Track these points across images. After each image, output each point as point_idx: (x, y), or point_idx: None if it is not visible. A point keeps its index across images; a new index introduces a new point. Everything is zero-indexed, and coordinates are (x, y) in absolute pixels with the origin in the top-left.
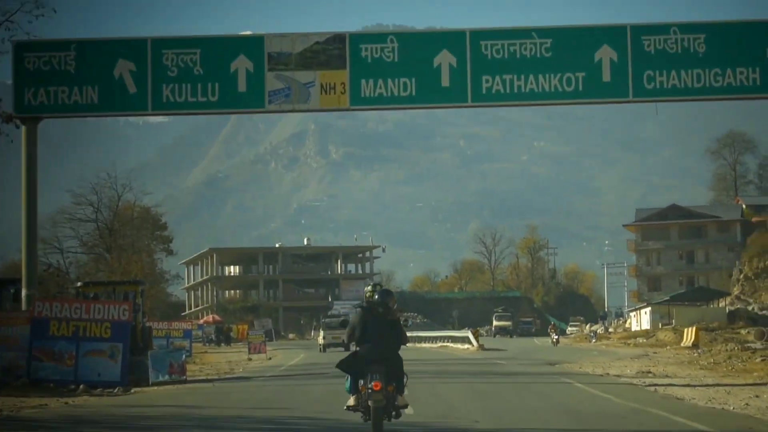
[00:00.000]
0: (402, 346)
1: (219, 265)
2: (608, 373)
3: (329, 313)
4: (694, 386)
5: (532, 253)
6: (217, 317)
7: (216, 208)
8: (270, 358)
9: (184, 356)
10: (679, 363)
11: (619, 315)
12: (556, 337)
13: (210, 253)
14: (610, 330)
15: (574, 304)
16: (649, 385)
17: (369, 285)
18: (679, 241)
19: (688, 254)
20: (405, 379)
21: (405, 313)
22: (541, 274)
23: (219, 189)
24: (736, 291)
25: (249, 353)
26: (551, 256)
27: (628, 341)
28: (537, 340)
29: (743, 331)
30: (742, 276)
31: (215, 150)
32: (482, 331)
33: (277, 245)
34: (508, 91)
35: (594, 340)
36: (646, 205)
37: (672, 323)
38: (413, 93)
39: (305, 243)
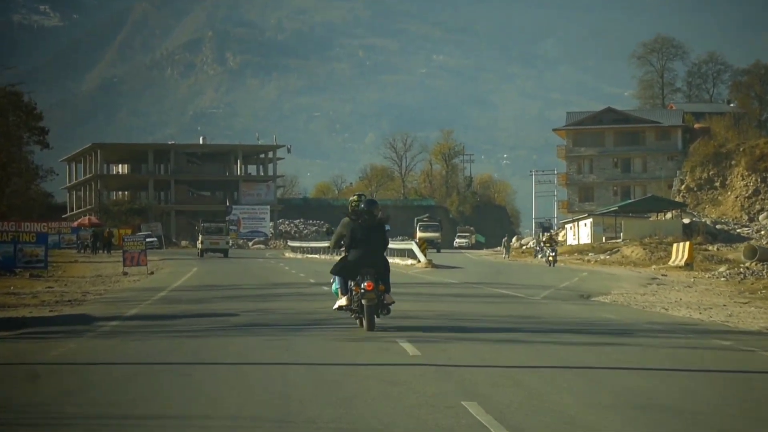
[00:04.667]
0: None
1: (104, 162)
2: (736, 327)
3: (228, 218)
4: None
5: (446, 159)
6: (94, 219)
7: (110, 113)
8: (152, 273)
9: None
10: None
11: (548, 227)
12: (552, 254)
13: (93, 148)
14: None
15: (491, 216)
16: None
17: (354, 195)
18: (614, 148)
19: (624, 162)
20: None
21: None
22: (456, 182)
23: (114, 94)
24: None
25: (124, 266)
26: (467, 164)
27: (584, 258)
28: (470, 254)
29: (711, 247)
30: (683, 187)
31: (110, 55)
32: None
33: (170, 143)
34: None
35: (541, 256)
36: (544, 121)
37: (620, 237)
38: None
39: (201, 142)
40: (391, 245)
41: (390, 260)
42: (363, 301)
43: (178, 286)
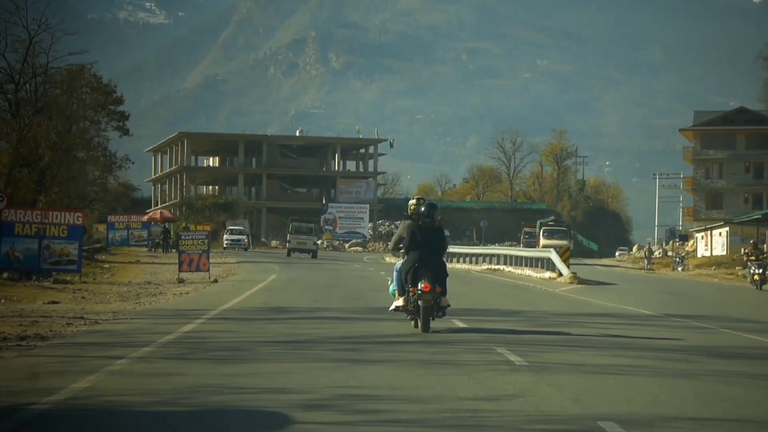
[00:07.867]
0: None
1: (192, 154)
2: None
3: (323, 217)
4: None
5: (558, 161)
6: (167, 213)
7: (213, 111)
8: (215, 281)
9: None
10: None
11: (673, 235)
12: (759, 271)
13: (180, 138)
14: (670, 254)
15: (603, 222)
16: None
17: (413, 198)
18: (746, 152)
19: (757, 167)
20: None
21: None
22: (567, 185)
23: (217, 92)
24: None
25: (180, 271)
26: (580, 166)
27: (735, 273)
28: (600, 265)
29: None
30: None
31: (214, 53)
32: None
33: (263, 134)
34: None
35: (681, 268)
36: (649, 127)
37: (764, 249)
38: None
39: (297, 134)
40: (523, 253)
41: (519, 271)
42: (419, 302)
43: (229, 308)
